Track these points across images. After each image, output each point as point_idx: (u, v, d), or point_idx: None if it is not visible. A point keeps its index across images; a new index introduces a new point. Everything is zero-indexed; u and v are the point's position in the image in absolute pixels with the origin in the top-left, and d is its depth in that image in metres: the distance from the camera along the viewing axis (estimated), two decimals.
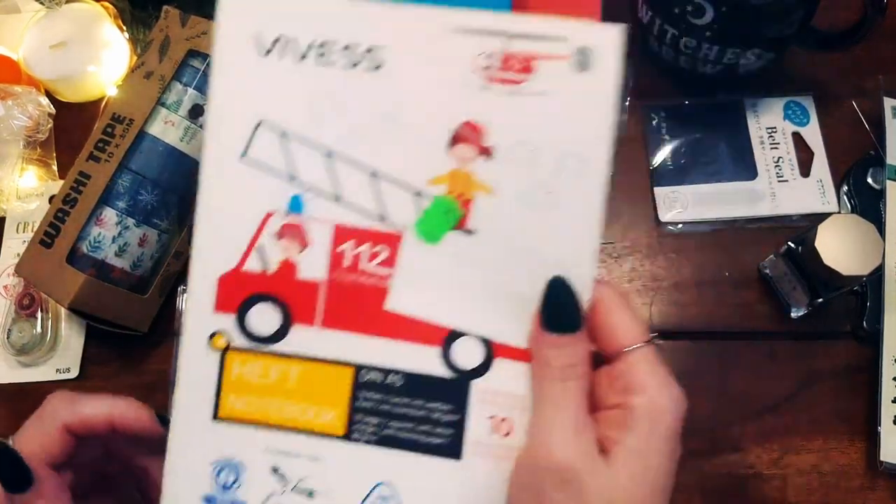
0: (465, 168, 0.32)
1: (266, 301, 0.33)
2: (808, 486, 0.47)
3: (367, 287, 0.33)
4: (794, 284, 0.48)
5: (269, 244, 0.33)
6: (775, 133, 0.54)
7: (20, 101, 0.56)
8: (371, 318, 0.33)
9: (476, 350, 0.32)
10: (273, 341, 0.33)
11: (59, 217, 0.48)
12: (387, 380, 0.33)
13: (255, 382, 0.33)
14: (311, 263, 0.33)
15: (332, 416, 0.33)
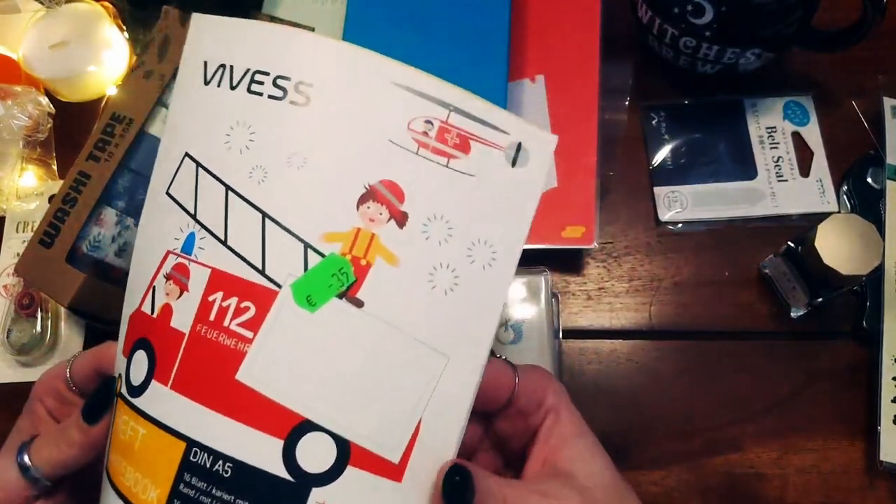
0: (371, 229, 0.28)
1: (143, 348, 0.30)
2: (808, 486, 0.47)
3: (225, 349, 0.28)
4: (794, 284, 0.48)
5: (160, 285, 0.30)
6: (775, 133, 0.54)
7: (20, 101, 0.56)
8: (219, 387, 0.28)
9: (327, 449, 0.27)
10: (138, 394, 0.30)
11: (59, 217, 0.48)
12: (215, 466, 0.28)
13: (119, 437, 0.30)
14: (183, 311, 0.29)
15: (154, 496, 0.28)
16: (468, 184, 0.29)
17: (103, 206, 0.49)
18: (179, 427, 0.28)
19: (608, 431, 0.48)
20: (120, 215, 0.49)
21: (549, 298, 0.48)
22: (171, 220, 0.30)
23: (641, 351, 0.50)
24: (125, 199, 0.49)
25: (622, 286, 0.52)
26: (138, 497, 0.29)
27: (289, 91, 0.29)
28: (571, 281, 0.52)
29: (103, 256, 0.48)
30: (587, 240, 0.50)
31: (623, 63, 0.57)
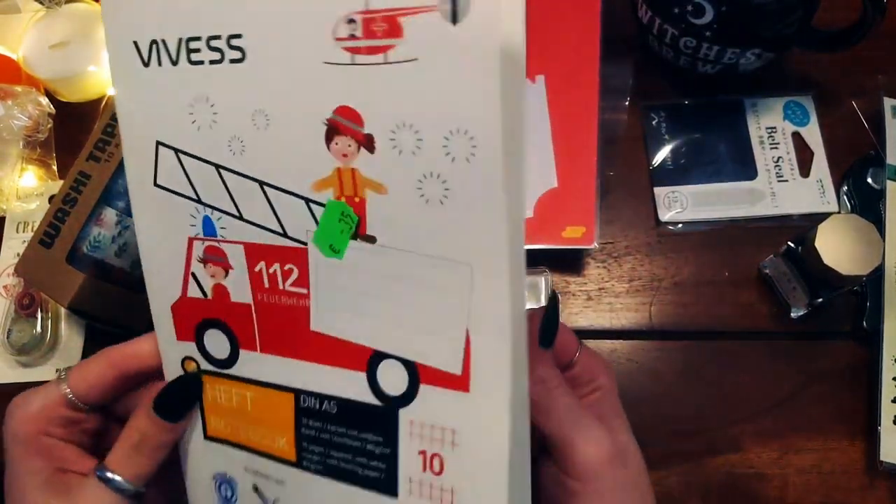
0: (349, 165, 0.27)
1: (214, 327, 0.32)
2: (808, 486, 0.47)
3: (290, 308, 0.30)
4: (794, 284, 0.48)
5: (199, 270, 0.31)
6: (775, 133, 0.54)
7: (20, 101, 0.56)
8: (301, 341, 0.30)
9: (400, 375, 0.29)
10: (228, 365, 0.32)
11: (59, 217, 0.48)
12: (323, 407, 0.31)
13: (225, 405, 0.33)
14: (237, 286, 0.31)
15: (284, 442, 0.32)
16: (414, 71, 0.25)
17: (103, 207, 0.49)
18: (284, 381, 0.31)
19: None
20: (120, 215, 0.49)
21: (550, 299, 0.48)
22: (177, 209, 0.30)
23: (641, 351, 0.50)
24: (125, 199, 0.49)
25: (622, 286, 0.52)
26: (271, 447, 0.32)
27: (224, 51, 0.28)
28: (571, 281, 0.52)
29: (103, 257, 0.48)
30: (587, 240, 0.50)
31: (623, 63, 0.57)
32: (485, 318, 0.27)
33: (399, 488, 0.29)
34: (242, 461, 0.33)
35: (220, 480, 0.34)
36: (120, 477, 0.32)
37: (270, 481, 0.33)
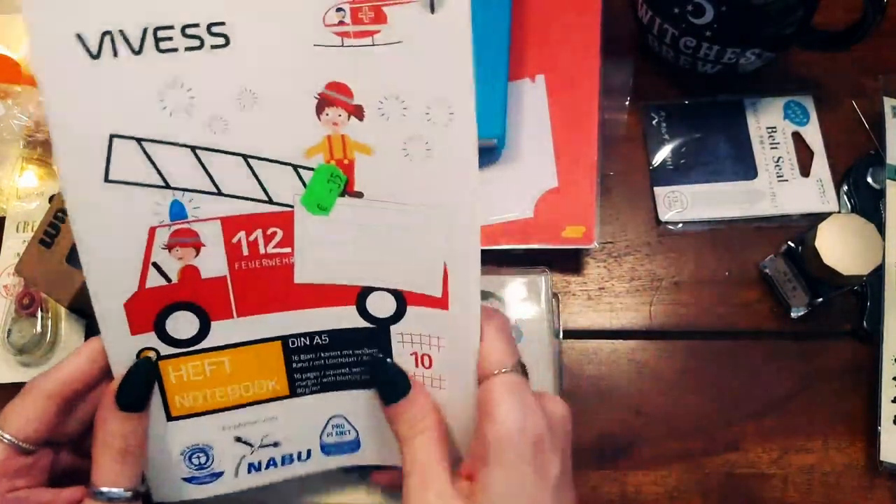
0: (339, 132, 0.31)
1: (178, 309, 0.33)
2: (808, 486, 0.47)
3: (273, 269, 0.33)
4: (794, 284, 0.48)
5: (163, 258, 0.32)
6: (775, 133, 0.54)
7: (20, 101, 0.56)
8: (285, 294, 0.34)
9: (388, 302, 0.34)
10: (197, 341, 0.34)
11: (59, 217, 0.48)
12: (314, 341, 0.35)
13: (193, 380, 0.35)
14: (210, 262, 0.33)
15: (274, 384, 0.36)
16: (399, 52, 0.29)
17: None
18: (268, 334, 0.35)
19: (608, 431, 0.48)
20: None
21: (550, 298, 0.48)
22: (135, 201, 0.31)
23: (641, 351, 0.50)
24: None
25: (622, 286, 0.52)
26: (257, 394, 0.36)
27: (204, 38, 0.29)
28: (571, 281, 0.52)
29: None
30: (587, 240, 0.50)
31: (623, 63, 0.57)
32: (457, 252, 0.33)
33: None
34: (218, 423, 0.36)
35: (191, 451, 0.36)
36: (119, 488, 0.32)
37: (257, 424, 0.36)
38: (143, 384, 0.33)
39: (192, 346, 0.34)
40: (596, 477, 0.47)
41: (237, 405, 0.36)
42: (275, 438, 0.37)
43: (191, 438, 0.36)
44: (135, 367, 0.33)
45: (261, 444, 0.37)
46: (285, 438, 0.37)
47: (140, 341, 0.33)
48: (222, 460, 0.37)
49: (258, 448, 0.37)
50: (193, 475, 0.36)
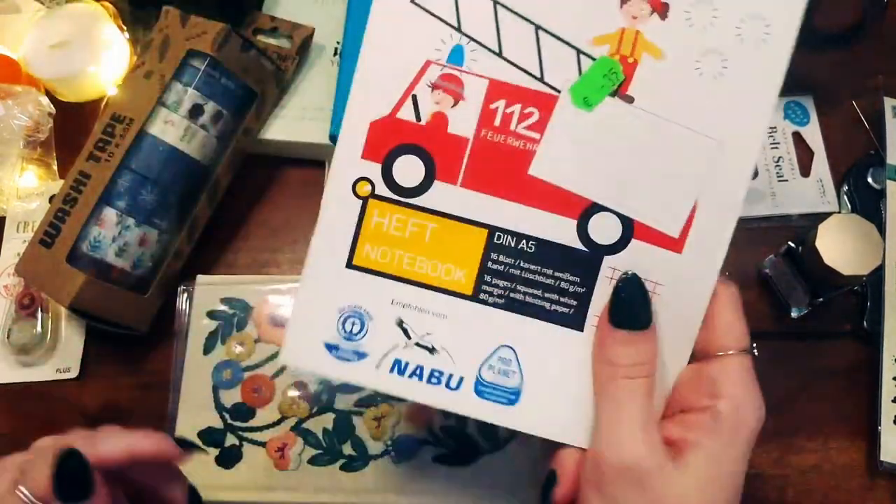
0: (635, 27, 0.30)
1: (413, 153, 0.33)
2: (808, 486, 0.47)
3: (513, 149, 0.32)
4: (795, 284, 0.48)
5: (423, 94, 0.32)
6: (775, 133, 0.54)
7: (20, 101, 0.56)
8: (512, 182, 0.32)
9: (614, 227, 0.32)
10: (415, 195, 0.33)
11: (59, 217, 0.48)
12: (520, 245, 0.33)
13: (391, 234, 0.33)
14: (462, 118, 0.32)
15: (461, 276, 0.33)
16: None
17: (104, 206, 0.49)
18: (479, 218, 0.33)
19: None
20: (120, 215, 0.49)
21: None
22: (426, 30, 0.32)
23: None
24: (125, 200, 0.49)
25: None
26: (441, 279, 0.33)
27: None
28: None
29: (103, 256, 0.48)
30: None
31: None
32: (717, 194, 0.30)
33: (586, 324, 0.32)
34: (391, 293, 0.33)
35: (348, 314, 0.34)
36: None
37: (426, 315, 0.33)
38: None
39: (408, 197, 0.33)
40: None
41: (418, 282, 0.33)
42: (434, 342, 0.33)
43: (357, 297, 0.33)
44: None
45: (418, 341, 0.33)
46: (444, 346, 0.33)
47: (365, 168, 0.33)
48: (374, 339, 0.33)
49: (413, 345, 0.33)
50: (338, 343, 0.34)
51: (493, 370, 0.33)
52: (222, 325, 0.50)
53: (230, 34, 0.51)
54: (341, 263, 0.33)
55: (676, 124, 0.30)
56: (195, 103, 0.51)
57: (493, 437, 0.46)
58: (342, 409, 0.48)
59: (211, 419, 0.48)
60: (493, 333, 0.33)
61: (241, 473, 0.47)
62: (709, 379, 0.30)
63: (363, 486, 0.46)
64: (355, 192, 0.33)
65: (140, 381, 0.52)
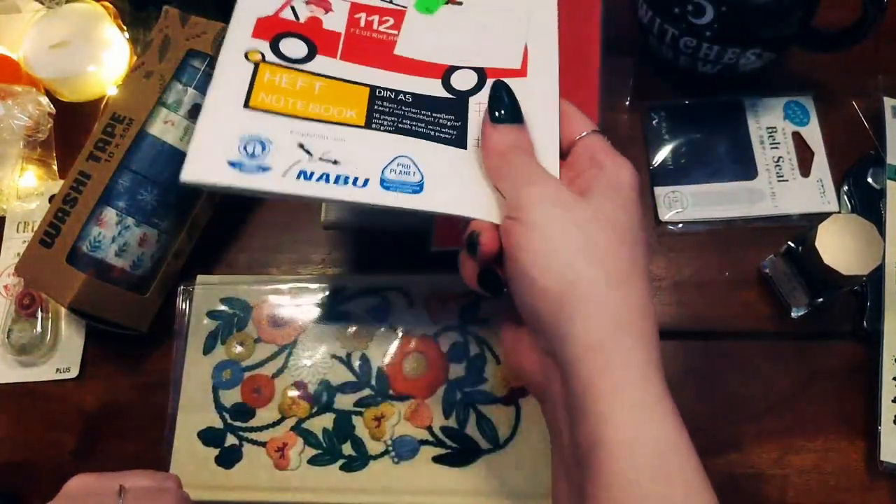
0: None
1: (296, 37, 0.39)
2: (808, 486, 0.47)
3: (379, 40, 0.40)
4: (794, 284, 0.48)
5: (300, 5, 0.40)
6: (775, 133, 0.54)
7: (20, 101, 0.56)
8: (383, 58, 0.40)
9: (471, 77, 0.39)
10: (300, 63, 0.39)
11: (59, 217, 0.48)
12: (398, 97, 0.38)
13: (283, 87, 0.38)
14: (333, 20, 0.40)
15: (353, 114, 0.38)
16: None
17: (104, 206, 0.49)
18: (360, 79, 0.39)
19: None
20: (120, 215, 0.49)
21: None
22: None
23: None
24: (125, 199, 0.49)
25: None
26: (334, 117, 0.37)
27: None
28: None
29: (103, 256, 0.48)
30: None
31: (623, 63, 0.57)
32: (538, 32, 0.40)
33: (468, 144, 0.38)
34: (288, 126, 0.36)
35: (248, 140, 0.36)
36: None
37: (325, 140, 0.36)
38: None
39: (295, 64, 0.38)
40: None
41: (314, 118, 0.37)
42: (336, 156, 0.36)
43: (254, 128, 0.36)
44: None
45: (320, 156, 0.36)
46: (346, 160, 0.36)
47: (255, 43, 0.38)
48: (276, 158, 0.35)
49: (316, 160, 0.36)
50: (241, 161, 0.35)
51: (394, 172, 0.36)
52: (222, 325, 0.50)
53: None
54: (239, 104, 0.37)
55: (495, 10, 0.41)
56: (195, 103, 0.51)
57: (493, 437, 0.46)
58: (342, 409, 0.48)
59: (211, 419, 0.48)
60: (390, 147, 0.37)
61: (241, 473, 0.47)
62: (584, 152, 0.36)
63: (363, 486, 0.46)
64: (247, 58, 0.38)
65: (140, 381, 0.52)
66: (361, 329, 0.49)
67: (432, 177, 0.36)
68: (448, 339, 0.49)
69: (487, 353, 0.48)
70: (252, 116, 0.36)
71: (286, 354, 0.49)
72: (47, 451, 0.51)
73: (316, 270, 0.54)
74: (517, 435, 0.46)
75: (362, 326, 0.50)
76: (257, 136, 0.36)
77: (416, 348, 0.49)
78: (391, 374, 0.48)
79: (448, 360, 0.48)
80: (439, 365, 0.48)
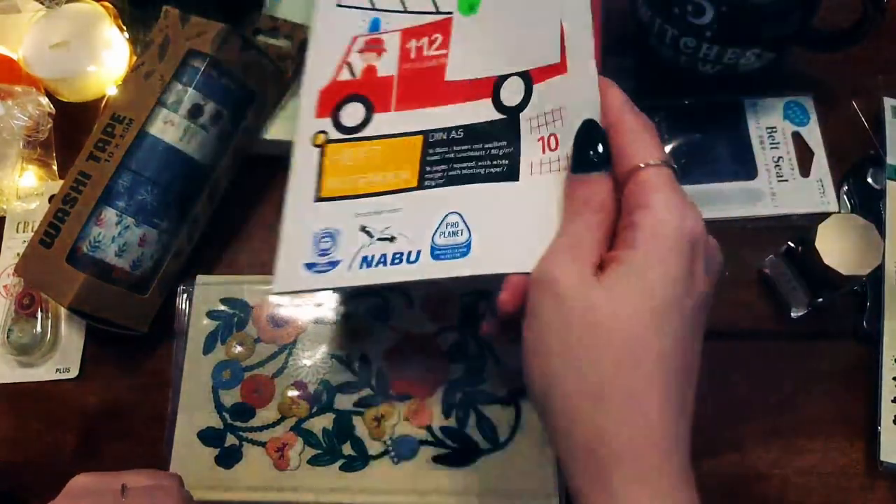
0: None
1: (354, 101, 0.42)
2: (808, 487, 0.47)
3: (430, 69, 0.42)
4: (794, 284, 0.48)
5: (355, 58, 0.43)
6: (775, 133, 0.54)
7: (20, 101, 0.56)
8: (435, 92, 0.41)
9: (518, 85, 0.39)
10: (360, 130, 0.42)
11: (59, 217, 0.48)
12: (450, 135, 0.40)
13: (347, 164, 0.41)
14: (386, 64, 0.43)
15: (407, 175, 0.40)
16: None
17: (103, 207, 0.49)
18: (414, 128, 0.41)
19: None
20: (120, 215, 0.49)
21: None
22: (350, 18, 0.44)
23: None
24: (125, 200, 0.49)
25: None
26: (391, 184, 0.40)
27: None
28: None
29: (104, 257, 0.48)
30: None
31: (623, 63, 0.57)
32: (573, 19, 0.38)
33: (520, 174, 0.37)
34: (353, 209, 0.40)
35: (322, 235, 0.40)
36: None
37: (383, 214, 0.39)
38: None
39: (355, 133, 0.42)
40: None
41: (373, 192, 0.40)
42: (392, 232, 0.39)
43: (327, 221, 0.40)
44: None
45: (380, 236, 0.39)
46: (401, 233, 0.38)
47: (319, 123, 0.43)
48: (344, 248, 0.39)
49: (376, 240, 0.39)
50: (315, 261, 0.39)
51: (444, 235, 0.38)
52: (222, 325, 0.50)
53: (230, 34, 0.51)
54: (310, 199, 0.41)
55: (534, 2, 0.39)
56: (195, 103, 0.51)
57: (493, 438, 0.46)
58: (342, 409, 0.48)
59: (211, 419, 0.48)
60: (440, 206, 0.38)
61: (241, 473, 0.47)
62: (629, 194, 0.30)
63: (363, 486, 0.46)
64: (314, 143, 0.42)
65: (140, 381, 0.52)
66: (361, 329, 0.49)
67: (480, 232, 0.37)
68: (448, 339, 0.49)
69: (487, 353, 0.48)
70: (323, 209, 0.41)
71: (286, 354, 0.49)
72: (47, 451, 0.51)
73: None
74: (517, 435, 0.46)
75: (362, 326, 0.50)
76: (328, 229, 0.40)
77: (416, 348, 0.49)
78: (391, 374, 0.48)
79: (448, 360, 0.48)
80: (439, 365, 0.48)
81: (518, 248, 0.35)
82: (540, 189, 0.36)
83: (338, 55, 0.43)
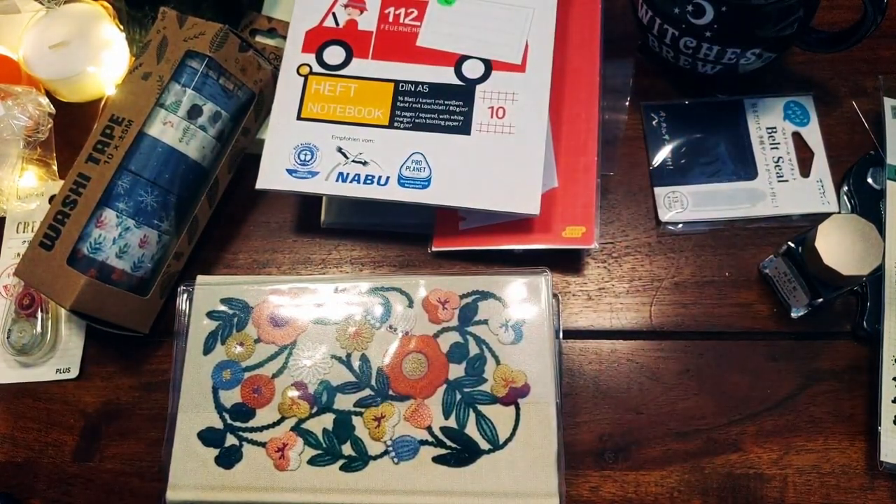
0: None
1: (336, 44, 0.51)
2: (808, 486, 0.47)
3: (404, 33, 0.51)
4: (794, 284, 0.48)
5: (339, 10, 0.52)
6: (775, 133, 0.54)
7: (20, 101, 0.56)
8: (407, 51, 0.50)
9: (479, 67, 0.50)
10: (340, 69, 0.51)
11: (59, 219, 0.48)
12: (417, 88, 0.50)
13: (326, 94, 0.50)
14: (366, 21, 0.51)
15: (380, 114, 0.50)
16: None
17: (103, 208, 0.49)
18: (386, 76, 0.50)
19: (608, 432, 0.48)
20: (120, 217, 0.49)
21: (550, 299, 0.48)
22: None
23: (641, 351, 0.50)
24: (125, 201, 0.49)
25: (622, 286, 0.52)
26: (365, 118, 0.50)
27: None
28: (572, 281, 0.52)
29: (104, 258, 0.48)
30: (587, 240, 0.50)
31: (623, 63, 0.57)
32: (538, 32, 0.50)
33: (472, 130, 0.49)
34: (329, 131, 0.49)
35: (302, 148, 0.49)
36: None
37: (357, 142, 0.49)
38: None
39: (335, 70, 0.50)
40: (596, 477, 0.47)
41: (349, 122, 0.49)
42: (365, 158, 0.49)
43: (306, 137, 0.49)
44: None
45: (354, 158, 0.49)
46: (373, 160, 0.48)
47: (304, 58, 0.51)
48: (322, 162, 0.49)
49: (351, 161, 0.48)
50: (296, 168, 0.49)
51: (409, 169, 0.48)
52: (222, 325, 0.50)
53: (228, 35, 0.51)
54: (293, 117, 0.50)
55: (507, 5, 0.50)
56: (194, 104, 0.51)
57: (493, 438, 0.46)
58: (342, 410, 0.48)
59: (211, 419, 0.48)
60: (407, 145, 0.49)
61: (241, 473, 0.47)
62: None
63: (363, 486, 0.46)
64: (298, 73, 0.51)
65: (140, 381, 0.52)
66: (361, 329, 0.50)
67: (439, 171, 0.48)
68: (448, 339, 0.49)
69: (487, 353, 0.48)
70: (303, 127, 0.50)
71: (286, 355, 0.49)
72: (47, 451, 0.51)
73: (316, 270, 0.54)
74: (517, 435, 0.46)
75: (362, 326, 0.50)
76: (307, 144, 0.49)
77: (416, 348, 0.49)
78: (391, 375, 0.48)
79: (448, 360, 0.48)
80: (439, 365, 0.48)
81: (467, 187, 0.48)
82: (486, 143, 0.48)
83: (325, 4, 0.52)
